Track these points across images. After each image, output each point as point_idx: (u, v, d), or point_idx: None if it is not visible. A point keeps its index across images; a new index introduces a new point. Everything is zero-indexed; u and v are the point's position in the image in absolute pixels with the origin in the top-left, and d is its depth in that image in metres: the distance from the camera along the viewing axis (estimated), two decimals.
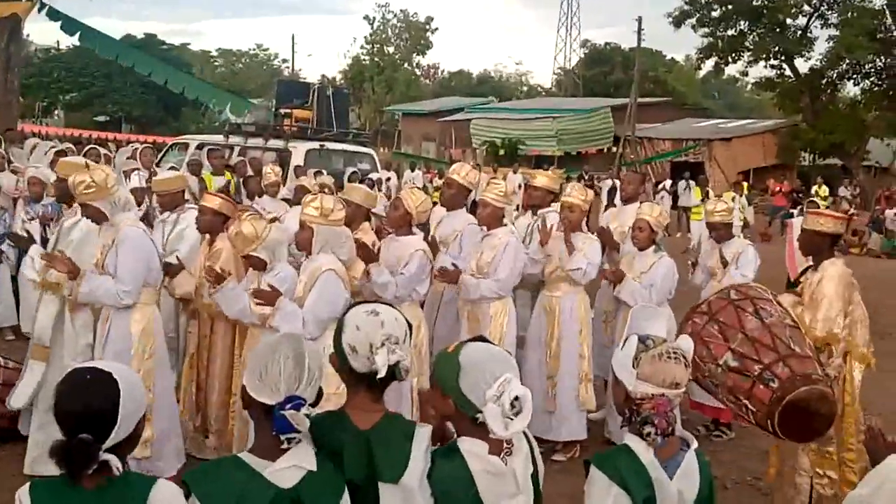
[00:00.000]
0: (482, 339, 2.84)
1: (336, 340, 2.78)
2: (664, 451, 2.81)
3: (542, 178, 7.81)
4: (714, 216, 7.47)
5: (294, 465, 2.53)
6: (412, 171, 27.79)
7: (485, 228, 6.62)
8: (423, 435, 2.70)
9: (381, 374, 2.67)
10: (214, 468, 2.58)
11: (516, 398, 2.57)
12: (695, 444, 2.89)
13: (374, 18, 70.49)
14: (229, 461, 2.60)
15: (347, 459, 2.64)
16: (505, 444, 2.70)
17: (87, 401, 2.37)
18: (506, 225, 6.63)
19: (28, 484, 2.41)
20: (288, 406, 2.48)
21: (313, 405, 2.61)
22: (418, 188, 7.45)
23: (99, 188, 5.30)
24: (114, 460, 2.34)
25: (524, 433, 2.77)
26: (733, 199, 17.75)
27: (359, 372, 2.73)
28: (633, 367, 2.81)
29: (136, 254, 5.39)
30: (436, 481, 2.65)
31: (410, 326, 2.85)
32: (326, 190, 10.68)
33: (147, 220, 7.61)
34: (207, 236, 6.44)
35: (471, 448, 2.67)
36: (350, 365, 2.74)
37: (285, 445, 2.51)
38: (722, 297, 4.45)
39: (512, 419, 2.56)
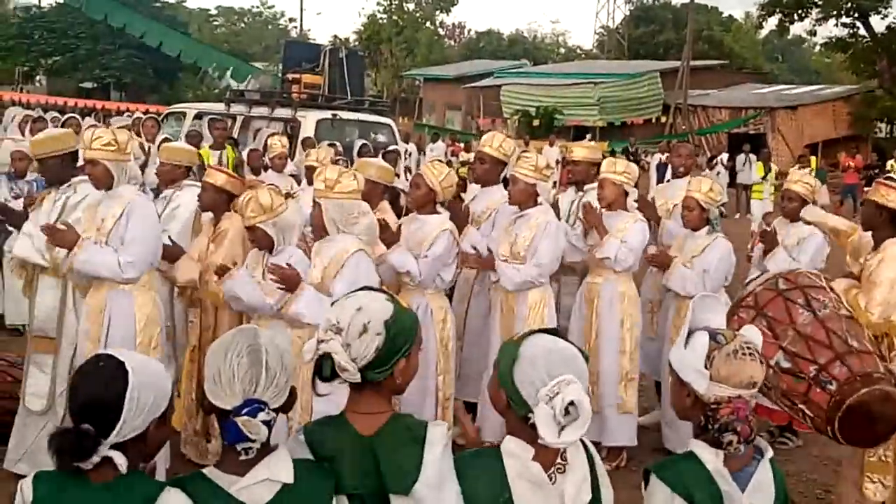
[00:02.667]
0: (555, 331, 2.75)
1: None
2: (735, 461, 2.76)
3: (581, 150, 7.75)
4: (796, 185, 7.22)
5: (266, 480, 2.47)
6: (433, 142, 27.72)
7: (517, 208, 6.57)
8: (436, 436, 2.63)
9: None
10: (178, 485, 2.53)
11: (572, 403, 2.48)
12: (769, 453, 2.84)
13: None
14: (193, 478, 2.55)
15: (347, 469, 2.59)
16: (558, 459, 2.63)
17: (91, 390, 2.43)
18: (541, 204, 6.57)
19: (32, 474, 2.48)
20: (244, 411, 2.43)
21: (283, 409, 2.56)
22: (441, 161, 7.36)
23: (119, 149, 5.39)
24: (118, 457, 2.37)
25: (589, 456, 2.72)
26: None
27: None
28: (706, 367, 2.75)
29: (148, 224, 5.44)
30: (464, 480, 2.60)
31: (399, 325, 2.66)
32: (340, 161, 10.72)
33: None
34: (211, 216, 6.46)
35: (512, 448, 2.61)
36: None
37: (243, 457, 2.46)
38: (769, 288, 4.40)
39: (564, 427, 2.49)
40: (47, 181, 6.15)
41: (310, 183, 8.64)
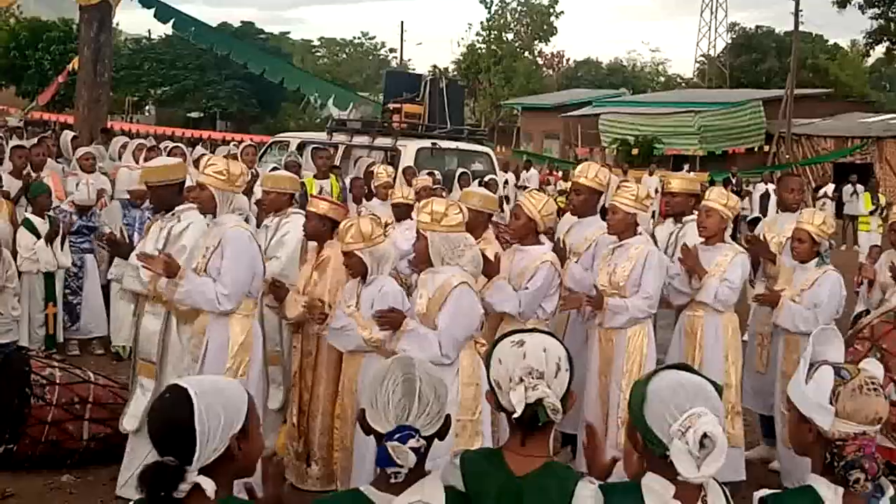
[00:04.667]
0: (684, 366, 2.76)
1: (488, 376, 2.81)
2: (853, 499, 2.69)
3: (678, 182, 7.66)
4: None
5: (419, 501, 2.56)
6: (527, 170, 27.48)
7: (616, 238, 6.51)
8: (586, 492, 2.65)
9: (517, 412, 2.64)
10: (334, 502, 2.65)
11: (705, 436, 2.47)
12: (890, 492, 2.76)
13: (492, 2, 70.77)
14: (350, 495, 2.67)
15: None
16: (699, 502, 2.61)
17: (161, 419, 2.47)
18: (640, 234, 6.51)
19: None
20: (395, 437, 2.52)
21: (438, 436, 2.64)
22: (536, 190, 7.34)
23: (228, 179, 5.61)
24: (205, 482, 2.38)
25: (724, 493, 2.70)
26: None
27: (508, 411, 2.73)
28: (831, 403, 2.70)
29: (241, 257, 5.57)
30: None
31: (571, 359, 2.80)
32: (438, 189, 10.80)
33: None
34: (315, 244, 6.59)
35: (653, 485, 2.60)
36: (500, 403, 2.75)
37: (393, 480, 2.54)
38: (887, 321, 4.32)
39: (702, 461, 2.47)
40: (155, 208, 6.35)
41: (397, 219, 8.81)
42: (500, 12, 70.51)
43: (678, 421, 2.50)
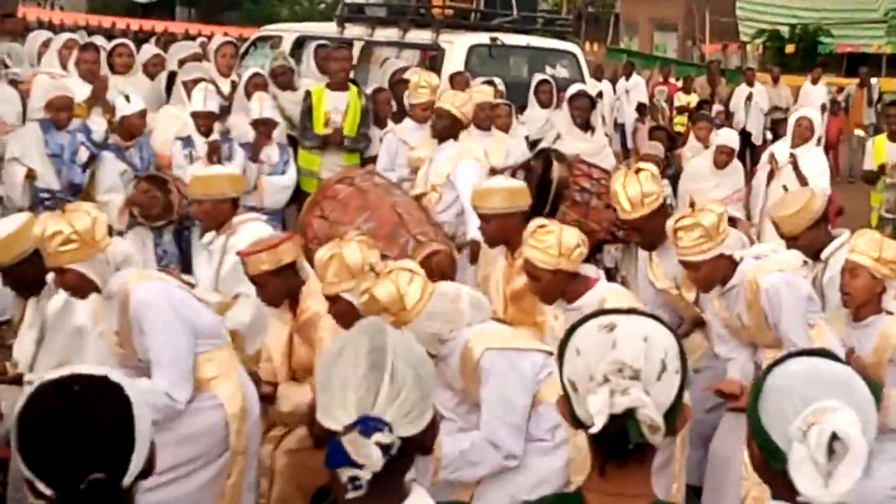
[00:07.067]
0: (824, 352, 2.67)
1: (560, 375, 2.66)
2: None
3: (787, 221, 7.02)
4: None
5: None
6: (627, 77, 26.86)
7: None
8: None
9: (596, 426, 2.48)
10: None
11: (836, 438, 2.38)
12: None
13: None
14: None
15: None
16: None
17: (91, 420, 2.46)
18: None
19: None
20: (355, 428, 2.44)
21: (421, 445, 2.57)
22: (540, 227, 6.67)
23: (82, 241, 5.32)
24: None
25: None
26: None
27: (585, 424, 2.57)
28: None
29: (166, 320, 5.38)
30: None
31: (683, 354, 2.63)
32: (502, 105, 10.69)
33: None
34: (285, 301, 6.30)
35: None
36: (575, 413, 2.61)
37: (350, 493, 2.44)
38: None
39: (830, 473, 2.38)
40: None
41: (439, 138, 8.87)
42: None
43: (800, 416, 2.44)
